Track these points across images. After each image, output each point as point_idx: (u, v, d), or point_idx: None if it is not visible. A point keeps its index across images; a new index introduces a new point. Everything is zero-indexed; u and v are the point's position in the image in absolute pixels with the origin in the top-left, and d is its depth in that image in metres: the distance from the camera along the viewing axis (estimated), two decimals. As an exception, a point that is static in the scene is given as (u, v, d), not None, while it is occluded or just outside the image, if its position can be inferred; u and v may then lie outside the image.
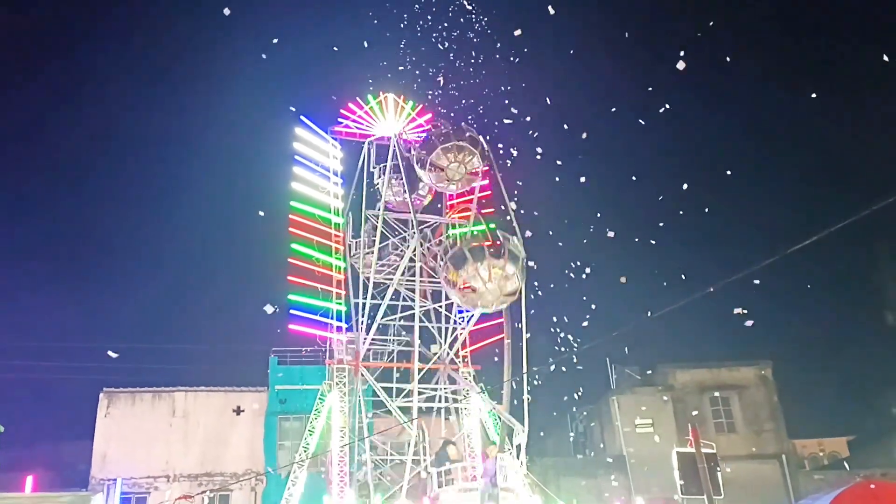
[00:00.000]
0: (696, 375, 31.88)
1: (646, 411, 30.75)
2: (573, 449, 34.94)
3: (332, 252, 25.40)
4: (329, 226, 25.83)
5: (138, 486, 26.11)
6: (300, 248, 24.97)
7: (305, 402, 25.96)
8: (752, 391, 31.79)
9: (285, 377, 27.77)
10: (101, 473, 25.96)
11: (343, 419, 23.47)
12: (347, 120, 27.62)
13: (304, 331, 24.42)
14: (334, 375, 24.06)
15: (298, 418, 26.89)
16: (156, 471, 26.63)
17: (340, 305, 24.83)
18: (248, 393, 28.25)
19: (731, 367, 32.30)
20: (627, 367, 33.00)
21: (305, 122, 27.10)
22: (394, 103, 28.09)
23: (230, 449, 27.35)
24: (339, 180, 26.93)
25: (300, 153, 26.68)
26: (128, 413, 27.31)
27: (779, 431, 31.24)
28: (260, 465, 26.97)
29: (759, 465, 29.91)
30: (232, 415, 27.82)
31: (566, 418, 35.56)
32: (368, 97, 27.96)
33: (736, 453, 28.82)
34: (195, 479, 26.76)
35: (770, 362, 32.47)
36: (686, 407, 31.00)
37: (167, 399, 27.79)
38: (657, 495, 25.12)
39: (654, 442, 29.32)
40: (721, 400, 31.54)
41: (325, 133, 27.32)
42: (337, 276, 25.12)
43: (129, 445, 26.60)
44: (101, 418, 27.01)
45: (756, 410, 31.48)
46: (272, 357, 28.10)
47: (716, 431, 30.28)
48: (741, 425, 31.20)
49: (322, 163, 26.80)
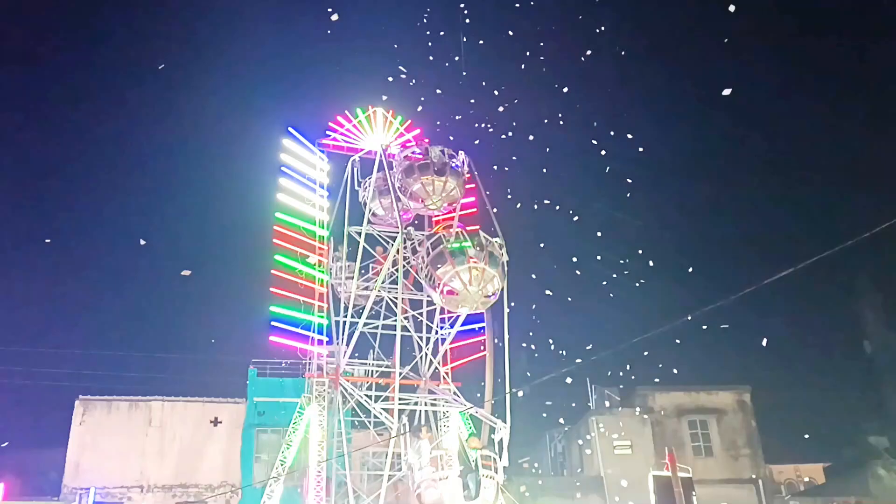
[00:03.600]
0: (676, 398, 32.01)
1: (624, 433, 30.80)
2: (551, 469, 34.88)
3: (316, 265, 25.36)
4: (314, 238, 25.81)
5: (111, 495, 25.74)
6: (284, 260, 24.92)
7: (284, 415, 25.81)
8: (731, 416, 31.97)
9: (264, 389, 27.58)
10: (73, 482, 25.59)
11: (321, 433, 23.35)
12: (335, 133, 27.67)
13: (285, 343, 24.32)
14: (314, 389, 23.95)
15: (276, 431, 26.62)
16: (130, 481, 26.28)
17: (322, 318, 24.77)
18: (226, 404, 28.00)
19: (710, 391, 32.48)
20: (607, 388, 33.07)
21: (293, 134, 27.14)
22: (382, 117, 28.18)
23: (206, 460, 27.04)
24: (325, 193, 26.96)
25: (287, 164, 26.69)
26: (103, 421, 26.99)
27: (756, 456, 31.39)
28: (236, 478, 26.71)
29: (736, 489, 30.01)
30: (209, 426, 27.54)
31: (545, 438, 35.52)
32: (357, 110, 28.05)
33: (713, 477, 28.96)
34: (169, 489, 26.45)
35: (749, 387, 32.67)
36: (664, 429, 31.11)
37: (143, 408, 27.49)
38: (634, 517, 25.12)
39: (631, 463, 29.37)
40: (699, 423, 31.68)
41: (313, 145, 27.36)
42: (320, 289, 25.08)
43: (104, 454, 26.27)
44: (76, 426, 26.66)
45: (734, 435, 31.64)
46: (251, 369, 27.87)
47: (693, 455, 30.39)
48: (719, 449, 31.33)
49: (309, 175, 26.82)
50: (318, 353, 24.39)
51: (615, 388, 33.01)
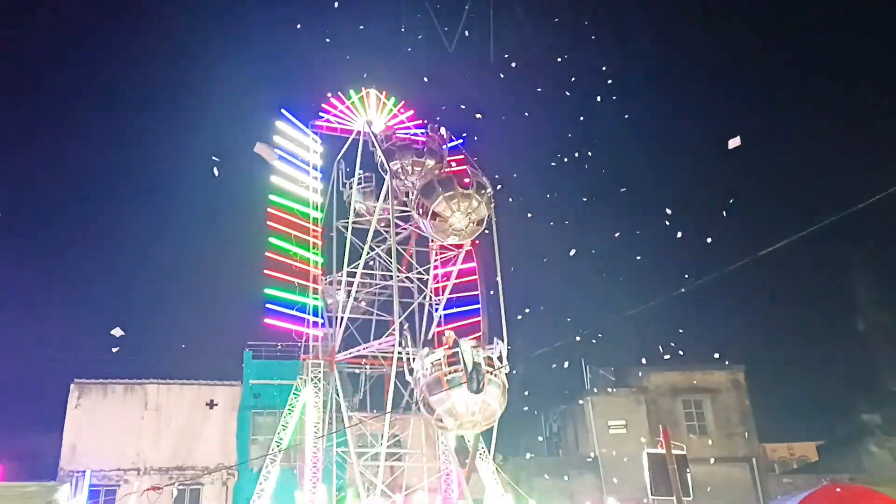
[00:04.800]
0: (670, 378, 32.12)
1: (619, 412, 30.97)
2: (546, 449, 35.06)
3: (310, 247, 25.31)
4: (307, 220, 25.74)
5: (108, 478, 25.82)
6: (278, 243, 24.85)
7: (279, 398, 25.90)
8: (725, 395, 32.10)
9: (259, 372, 27.65)
10: (69, 465, 25.64)
11: (317, 415, 23.41)
12: (328, 114, 27.52)
13: (280, 325, 24.32)
14: (309, 371, 23.98)
15: (272, 413, 26.71)
16: (126, 463, 26.35)
17: (317, 301, 24.76)
18: (222, 387, 28.05)
19: (705, 371, 32.55)
20: (602, 368, 33.20)
21: (286, 116, 26.99)
22: (375, 99, 28.03)
23: (202, 443, 27.12)
24: (318, 175, 26.85)
25: (280, 146, 26.56)
26: (99, 405, 26.99)
27: (750, 435, 31.57)
28: (232, 460, 26.80)
29: (730, 467, 30.18)
30: (204, 408, 27.58)
31: (539, 418, 35.67)
32: (350, 92, 27.89)
33: (707, 455, 29.09)
34: (166, 472, 26.51)
35: (743, 366, 32.79)
36: (659, 409, 31.25)
37: (139, 391, 27.51)
38: (628, 496, 25.28)
39: (626, 443, 29.54)
40: (694, 403, 31.82)
41: (306, 127, 27.20)
42: (314, 272, 25.05)
43: (100, 437, 26.28)
44: (72, 409, 26.65)
45: (728, 414, 31.80)
46: (247, 351, 27.93)
47: (688, 434, 30.53)
48: (713, 428, 31.49)
49: (302, 157, 26.70)
50: (313, 336, 24.35)
51: (610, 369, 33.16)
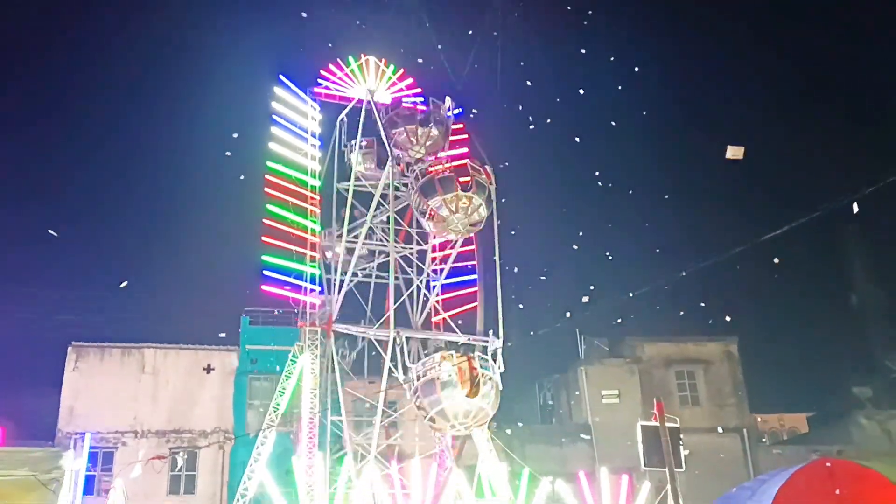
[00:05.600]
0: (664, 349, 32.37)
1: (613, 382, 31.22)
2: (540, 417, 35.41)
3: (308, 214, 25.27)
4: (305, 188, 25.67)
5: (105, 440, 26.04)
6: (276, 210, 24.79)
7: (276, 363, 26.06)
8: (717, 366, 32.38)
9: (256, 337, 27.78)
10: (67, 427, 25.84)
11: (314, 381, 23.57)
12: (327, 81, 27.33)
13: (277, 292, 24.38)
14: (306, 338, 24.08)
15: (269, 378, 26.93)
16: (123, 426, 26.54)
17: (314, 268, 24.79)
18: (219, 352, 28.20)
19: (698, 342, 32.82)
20: (597, 338, 33.42)
21: (284, 82, 26.76)
22: (375, 66, 27.82)
23: (199, 407, 27.33)
24: (317, 142, 26.72)
25: (278, 113, 26.38)
26: (96, 368, 27.12)
27: (741, 406, 31.93)
28: (228, 424, 27.07)
29: (721, 437, 30.58)
30: (201, 373, 27.75)
31: (534, 387, 35.99)
32: (349, 59, 27.66)
33: (698, 426, 29.46)
34: (163, 435, 26.76)
35: (736, 338, 33.04)
36: (652, 379, 31.51)
37: (136, 355, 27.63)
38: (620, 464, 25.58)
39: (619, 412, 29.86)
40: (687, 373, 32.10)
41: (305, 94, 27.01)
42: (312, 239, 25.04)
43: (97, 400, 26.46)
44: (69, 372, 26.78)
45: (720, 385, 32.10)
46: (244, 317, 28.04)
47: (680, 404, 30.85)
48: (705, 398, 31.81)
49: (300, 124, 26.53)
50: (310, 304, 24.42)
51: (604, 339, 33.38)
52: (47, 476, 16.52)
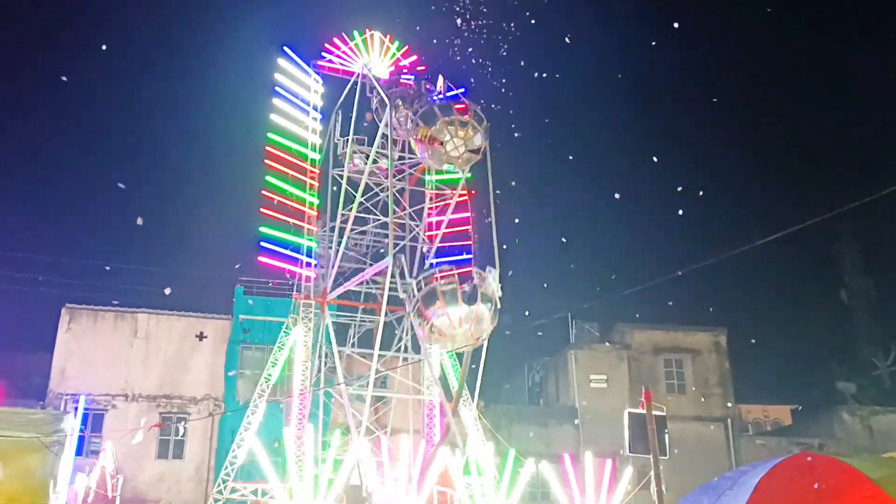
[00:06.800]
0: (653, 337, 32.64)
1: (601, 367, 31.54)
2: (528, 398, 35.75)
3: (307, 188, 25.30)
4: (305, 161, 25.67)
5: (96, 402, 26.20)
6: (274, 182, 24.80)
7: (269, 333, 26.22)
8: (706, 355, 32.68)
9: (250, 307, 27.89)
10: (58, 388, 26.01)
11: (306, 353, 23.74)
12: (331, 55, 27.23)
13: (273, 264, 24.46)
14: (300, 310, 24.21)
15: (261, 348, 27.09)
16: (114, 389, 26.71)
17: (311, 241, 24.87)
18: (212, 320, 28.32)
19: (687, 332, 33.10)
20: (588, 323, 33.68)
21: (288, 54, 26.65)
22: (379, 42, 27.71)
23: (190, 374, 27.49)
24: (318, 115, 26.67)
25: (281, 84, 26.29)
26: (89, 330, 27.24)
27: (726, 396, 32.26)
28: (219, 392, 27.27)
29: (705, 426, 30.95)
30: (194, 340, 27.88)
31: (523, 368, 36.29)
32: (354, 33, 27.54)
33: (684, 414, 29.81)
34: (153, 399, 26.95)
35: (725, 329, 33.33)
36: (640, 366, 31.82)
37: (129, 319, 27.73)
38: (605, 448, 25.89)
39: (606, 397, 30.19)
40: (675, 362, 32.41)
41: (309, 66, 26.90)
42: (309, 212, 25.09)
43: (89, 362, 26.61)
44: (62, 333, 26.88)
45: (707, 374, 32.42)
46: (238, 287, 28.13)
47: (666, 391, 31.18)
48: (691, 387, 32.11)
49: (303, 96, 26.46)
50: (305, 276, 24.53)
51: (595, 324, 33.64)
52: (50, 439, 16.67)
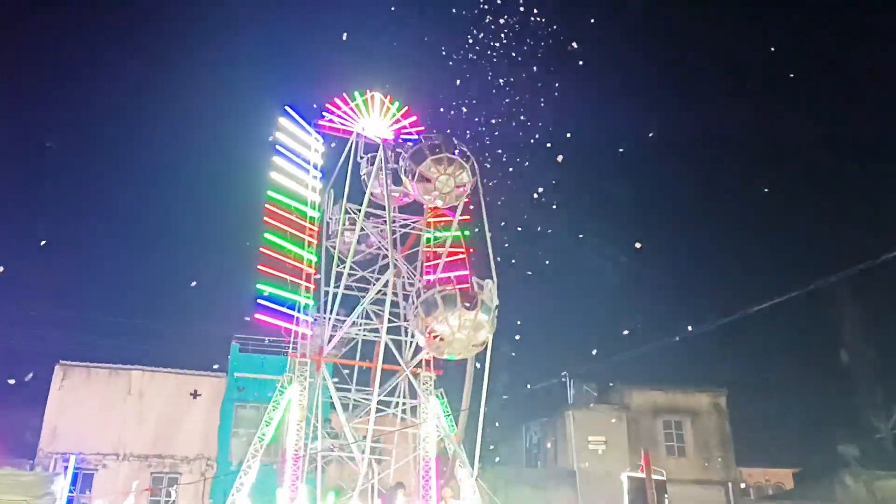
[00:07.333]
0: (652, 397, 32.38)
1: (599, 428, 31.17)
2: (526, 460, 35.23)
3: (305, 245, 25.30)
4: (304, 219, 25.73)
5: (87, 461, 25.76)
6: (273, 239, 24.79)
7: (263, 392, 25.91)
8: (705, 417, 32.38)
9: (245, 365, 27.66)
10: (49, 447, 25.57)
11: (301, 413, 23.44)
12: (332, 115, 27.56)
13: (270, 321, 24.27)
14: (296, 369, 23.98)
15: (255, 407, 26.76)
16: (106, 448, 26.28)
17: (308, 299, 24.76)
18: (206, 377, 28.04)
19: (687, 393, 32.85)
20: (585, 383, 33.41)
21: (289, 113, 26.96)
22: (380, 102, 28.08)
23: (183, 432, 27.11)
24: (318, 174, 26.85)
25: (281, 143, 26.52)
26: (82, 387, 26.92)
27: (727, 459, 31.87)
28: (212, 451, 26.85)
29: (706, 490, 30.50)
30: (187, 398, 27.57)
31: (521, 430, 35.85)
32: (355, 94, 27.93)
33: (684, 477, 29.39)
34: (145, 459, 26.52)
35: (725, 390, 33.09)
36: (639, 427, 31.48)
37: (123, 376, 27.46)
38: (604, 512, 25.48)
39: (605, 458, 29.77)
40: (674, 423, 32.07)
41: (309, 125, 27.19)
42: (307, 270, 25.03)
43: (81, 420, 26.23)
44: (55, 390, 26.57)
45: (707, 437, 32.07)
46: (233, 344, 27.94)
47: (666, 454, 30.82)
48: (691, 450, 31.75)
49: (303, 155, 26.69)
50: (301, 333, 24.35)
51: (593, 384, 33.37)
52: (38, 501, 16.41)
